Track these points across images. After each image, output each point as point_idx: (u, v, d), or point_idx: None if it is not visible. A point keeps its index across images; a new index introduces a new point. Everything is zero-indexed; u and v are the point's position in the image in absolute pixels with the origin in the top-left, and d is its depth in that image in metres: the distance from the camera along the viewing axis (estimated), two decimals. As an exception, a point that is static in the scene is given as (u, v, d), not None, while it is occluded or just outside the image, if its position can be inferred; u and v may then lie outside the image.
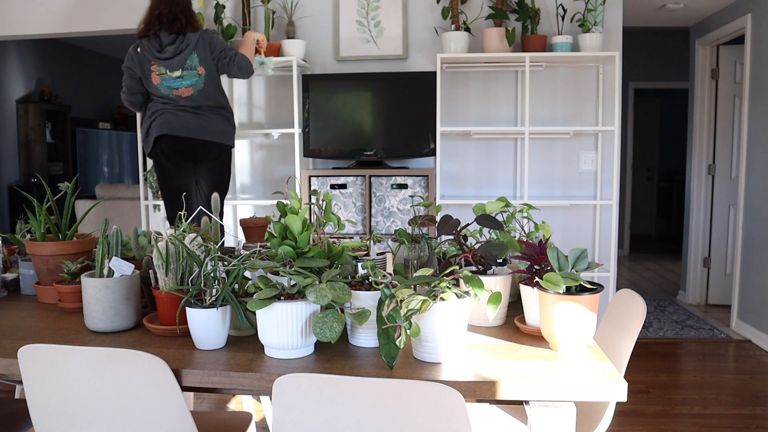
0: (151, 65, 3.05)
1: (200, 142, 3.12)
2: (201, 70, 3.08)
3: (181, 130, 3.07)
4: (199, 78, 3.08)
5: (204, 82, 3.09)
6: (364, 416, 1.08)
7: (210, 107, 3.14)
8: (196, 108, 3.11)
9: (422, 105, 3.71)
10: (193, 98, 3.09)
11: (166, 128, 3.07)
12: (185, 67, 3.04)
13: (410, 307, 1.22)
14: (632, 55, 7.18)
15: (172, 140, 3.09)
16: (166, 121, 3.08)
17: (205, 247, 1.50)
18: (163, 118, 3.09)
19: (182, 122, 3.07)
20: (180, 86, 3.05)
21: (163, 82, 3.04)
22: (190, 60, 3.05)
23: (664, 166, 8.89)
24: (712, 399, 3.19)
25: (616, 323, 1.72)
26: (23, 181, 6.71)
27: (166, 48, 3.03)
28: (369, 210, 3.70)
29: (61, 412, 1.26)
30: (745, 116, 4.39)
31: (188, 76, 3.05)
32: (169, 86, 3.05)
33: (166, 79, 3.03)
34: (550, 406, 1.18)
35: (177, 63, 3.03)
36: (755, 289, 4.24)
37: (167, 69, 3.03)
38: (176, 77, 3.03)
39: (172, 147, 3.11)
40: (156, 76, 3.04)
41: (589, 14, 3.66)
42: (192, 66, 3.06)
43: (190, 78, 3.06)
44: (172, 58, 3.03)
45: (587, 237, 3.98)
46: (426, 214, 2.42)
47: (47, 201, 1.84)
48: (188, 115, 3.08)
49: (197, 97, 3.09)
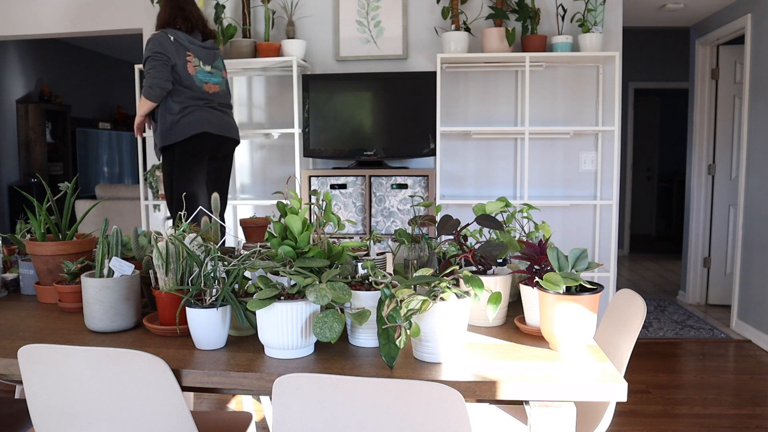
0: (187, 54, 3.04)
1: (230, 140, 3.20)
2: (225, 74, 3.23)
3: (219, 129, 3.10)
4: (223, 80, 3.20)
5: (225, 85, 3.22)
6: (364, 416, 1.08)
7: (230, 107, 3.26)
8: (223, 105, 3.18)
9: (422, 105, 3.71)
10: (219, 95, 3.15)
11: (206, 126, 3.03)
12: (214, 65, 3.14)
13: (410, 307, 1.22)
14: (632, 55, 7.19)
15: (210, 138, 3.07)
16: (203, 119, 3.03)
17: (205, 247, 1.50)
18: (199, 115, 3.04)
19: (220, 121, 3.11)
20: (210, 81, 3.09)
21: (197, 74, 3.06)
22: (218, 62, 3.18)
23: (664, 166, 8.89)
24: (712, 399, 3.19)
25: (616, 323, 1.72)
26: (23, 181, 6.71)
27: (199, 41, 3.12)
28: (369, 210, 3.70)
29: (61, 412, 1.26)
30: (745, 116, 4.39)
31: (216, 74, 3.14)
32: (201, 79, 3.07)
33: (200, 71, 3.05)
34: (550, 406, 1.18)
35: (208, 57, 3.12)
36: (755, 289, 4.24)
37: (201, 61, 3.07)
38: (207, 72, 3.07)
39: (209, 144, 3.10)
40: (192, 67, 3.04)
41: (589, 14, 3.66)
42: (219, 67, 3.18)
43: (217, 77, 3.15)
44: (210, 50, 3.12)
45: (587, 237, 3.98)
46: (426, 214, 2.42)
47: (47, 201, 1.84)
48: (221, 114, 3.14)
49: (222, 95, 3.17)
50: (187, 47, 3.04)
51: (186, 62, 3.02)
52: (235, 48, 3.77)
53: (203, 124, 3.03)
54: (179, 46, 3.00)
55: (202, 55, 3.09)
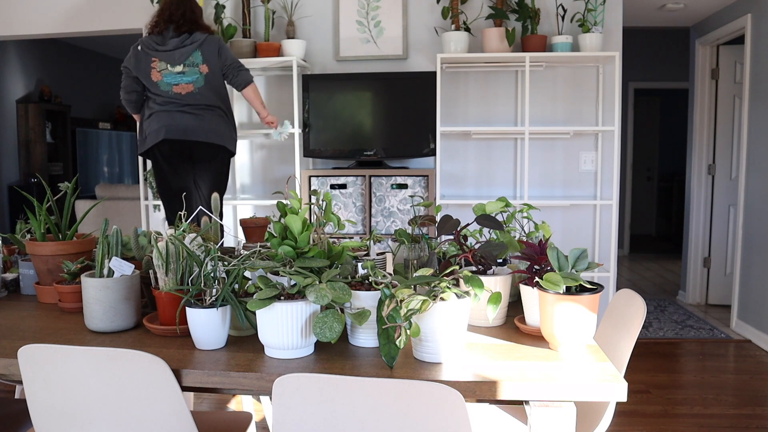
0: (151, 62, 3.03)
1: (198, 143, 3.10)
2: (204, 69, 3.06)
3: (179, 133, 3.04)
4: (200, 76, 3.06)
5: (205, 81, 3.07)
6: (364, 416, 1.08)
7: (207, 106, 3.11)
8: (194, 107, 3.08)
9: (422, 105, 3.71)
10: (192, 95, 3.06)
11: (164, 133, 3.05)
12: (187, 63, 3.02)
13: (410, 307, 1.22)
14: (632, 55, 7.18)
15: (169, 144, 3.07)
16: (163, 125, 3.05)
17: (205, 247, 1.50)
18: (160, 120, 3.06)
19: (180, 124, 3.04)
20: (180, 82, 3.02)
21: (164, 78, 3.02)
22: (194, 57, 3.03)
23: (664, 166, 8.89)
24: (712, 399, 3.19)
25: (616, 323, 1.72)
26: (23, 181, 6.71)
27: (170, 41, 3.02)
28: (369, 210, 3.70)
29: (61, 412, 1.26)
30: (745, 116, 4.39)
31: (190, 72, 3.03)
32: (169, 83, 3.02)
33: (167, 74, 3.00)
34: (550, 406, 1.18)
35: (179, 57, 3.01)
36: (755, 289, 4.24)
37: (168, 63, 3.01)
38: (177, 72, 3.00)
39: (169, 150, 3.09)
40: (156, 73, 3.02)
41: (589, 14, 3.66)
42: (194, 63, 3.04)
43: (191, 75, 3.04)
44: (174, 51, 3.01)
45: (587, 237, 3.98)
46: (426, 214, 2.42)
47: (47, 201, 1.84)
48: (186, 117, 3.05)
49: (196, 95, 3.06)
50: (151, 54, 3.03)
51: (150, 69, 3.03)
52: (235, 48, 3.77)
53: (161, 132, 3.04)
54: (143, 55, 3.04)
55: (170, 55, 3.01)
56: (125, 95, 3.14)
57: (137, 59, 3.05)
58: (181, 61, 3.01)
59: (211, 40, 3.08)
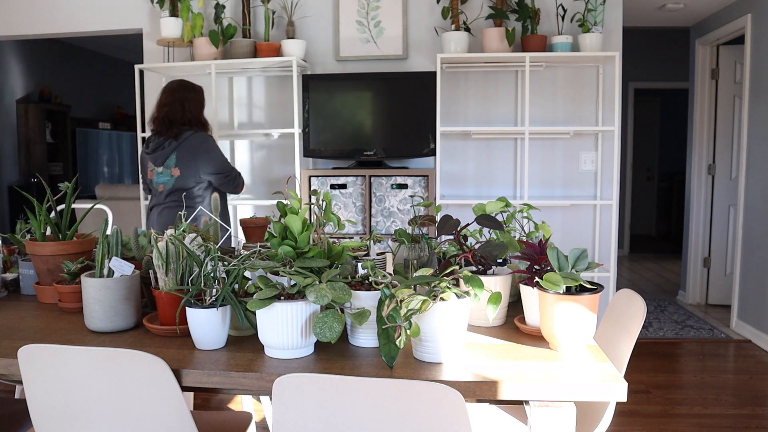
0: (147, 162, 3.11)
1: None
2: (175, 172, 3.04)
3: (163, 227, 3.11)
4: (171, 179, 3.05)
5: (174, 184, 3.05)
6: (364, 416, 1.08)
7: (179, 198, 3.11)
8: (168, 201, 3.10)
9: (422, 105, 3.71)
10: (164, 194, 3.07)
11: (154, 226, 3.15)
12: (165, 165, 3.04)
13: (410, 307, 1.22)
14: (632, 55, 7.18)
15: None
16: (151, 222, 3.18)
17: (205, 247, 1.50)
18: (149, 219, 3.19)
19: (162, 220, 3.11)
20: (160, 182, 3.07)
21: (155, 178, 3.08)
22: (169, 160, 3.03)
23: (664, 166, 8.89)
24: (712, 399, 3.19)
25: (616, 323, 1.72)
26: (23, 181, 6.70)
27: (151, 143, 3.08)
28: (369, 210, 3.70)
29: (61, 412, 1.26)
30: (745, 116, 4.39)
31: (164, 173, 3.05)
32: (157, 182, 3.08)
33: (156, 174, 3.07)
34: (550, 406, 1.18)
35: (158, 159, 3.04)
36: (755, 289, 4.23)
37: (153, 164, 3.06)
38: (159, 173, 3.05)
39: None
40: (150, 172, 3.10)
41: (589, 14, 3.66)
42: (168, 165, 3.04)
43: (165, 175, 3.05)
44: (153, 153, 3.05)
45: (587, 237, 3.98)
46: (426, 214, 2.42)
47: (47, 201, 1.84)
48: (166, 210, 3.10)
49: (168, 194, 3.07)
50: (145, 157, 3.11)
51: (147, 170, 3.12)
52: (235, 48, 3.77)
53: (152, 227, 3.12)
54: (144, 157, 3.14)
55: (152, 157, 3.06)
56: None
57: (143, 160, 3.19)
58: (161, 164, 3.05)
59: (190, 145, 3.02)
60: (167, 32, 3.80)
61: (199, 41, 3.79)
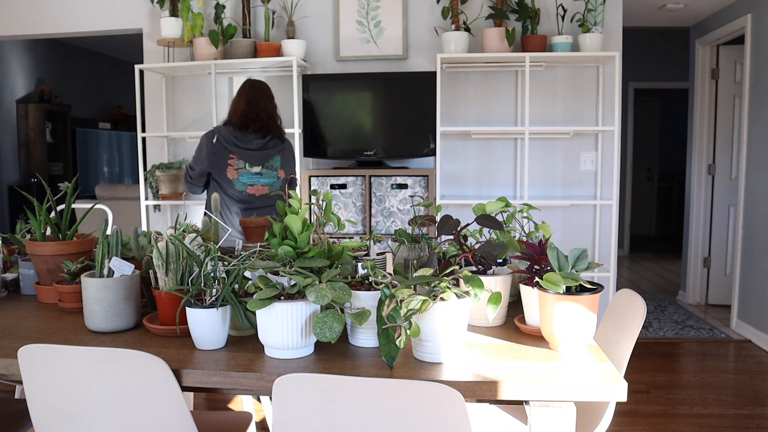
0: (229, 158, 2.81)
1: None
2: (281, 174, 2.90)
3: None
4: (277, 180, 2.91)
5: (280, 186, 2.91)
6: (364, 416, 1.08)
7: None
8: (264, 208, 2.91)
9: (422, 105, 3.71)
10: (266, 198, 2.88)
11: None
12: (266, 166, 2.85)
13: (410, 307, 1.22)
14: (632, 55, 7.17)
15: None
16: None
17: (205, 247, 1.50)
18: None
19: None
20: (257, 183, 2.85)
21: (240, 177, 2.82)
22: (273, 161, 2.87)
23: (664, 166, 8.89)
24: (712, 399, 3.19)
25: (616, 323, 1.72)
26: (23, 181, 6.70)
27: (254, 141, 2.83)
28: (369, 210, 3.70)
29: (61, 412, 1.26)
30: (745, 116, 4.39)
31: (267, 174, 2.86)
32: (245, 182, 2.83)
33: (244, 174, 2.81)
34: (550, 406, 1.18)
35: (260, 158, 2.83)
36: (755, 289, 4.24)
37: (247, 162, 2.81)
38: (255, 173, 2.82)
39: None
40: (233, 171, 2.82)
41: (589, 14, 3.66)
42: (273, 167, 2.87)
43: (269, 177, 2.87)
44: (257, 151, 2.82)
45: (587, 237, 3.98)
46: (426, 214, 2.42)
47: (47, 201, 1.84)
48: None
49: (271, 198, 2.89)
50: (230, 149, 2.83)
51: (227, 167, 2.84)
52: (235, 48, 3.77)
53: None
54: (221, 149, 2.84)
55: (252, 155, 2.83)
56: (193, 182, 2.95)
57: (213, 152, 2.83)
58: (261, 163, 2.84)
59: (288, 148, 2.95)
60: (167, 32, 3.80)
61: (199, 41, 3.79)
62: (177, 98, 4.15)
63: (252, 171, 2.82)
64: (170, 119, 4.15)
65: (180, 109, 4.15)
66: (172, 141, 4.15)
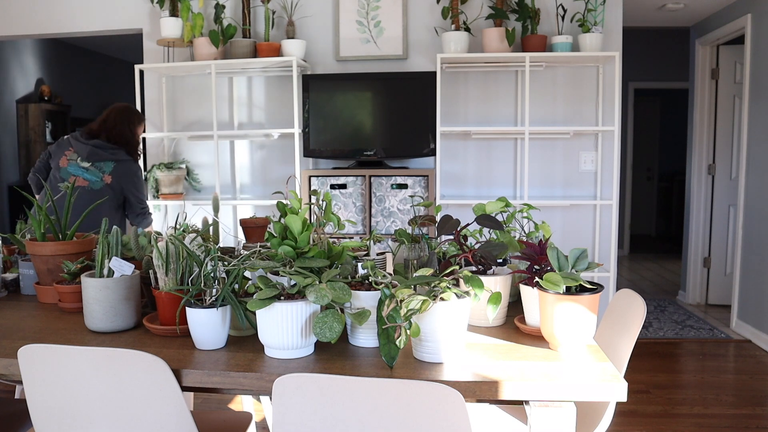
0: (67, 149, 3.01)
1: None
2: (107, 179, 2.99)
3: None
4: (100, 182, 2.98)
5: (100, 188, 2.98)
6: (364, 416, 1.08)
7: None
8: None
9: (422, 105, 3.71)
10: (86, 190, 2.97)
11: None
12: (95, 165, 2.98)
13: (410, 307, 1.22)
14: (632, 55, 7.18)
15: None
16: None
17: (205, 247, 1.50)
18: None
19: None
20: (81, 175, 2.97)
21: (69, 167, 2.98)
22: (104, 164, 2.98)
23: (664, 166, 8.89)
24: (712, 399, 3.19)
25: (616, 323, 1.72)
26: (23, 181, 6.70)
27: (94, 141, 2.99)
28: (369, 210, 3.70)
29: (61, 412, 1.26)
30: (745, 116, 4.39)
31: (92, 173, 2.98)
32: (70, 172, 2.97)
33: (73, 165, 2.98)
34: (550, 406, 1.18)
35: (89, 154, 2.97)
36: (755, 289, 4.24)
37: (80, 157, 2.98)
38: (82, 167, 2.97)
39: None
40: (65, 160, 2.99)
41: (589, 14, 3.66)
42: (101, 169, 2.98)
43: (93, 175, 2.98)
44: (90, 147, 2.97)
45: (587, 237, 3.98)
46: (426, 214, 2.42)
47: (47, 201, 1.83)
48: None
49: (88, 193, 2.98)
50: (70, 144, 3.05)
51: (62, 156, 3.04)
52: (235, 48, 3.77)
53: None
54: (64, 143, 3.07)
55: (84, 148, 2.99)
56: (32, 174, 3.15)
57: (58, 144, 3.07)
58: (91, 160, 2.98)
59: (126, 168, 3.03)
60: (167, 32, 3.80)
61: (199, 41, 3.79)
62: (177, 98, 4.15)
63: (81, 164, 2.99)
64: (170, 119, 4.16)
65: (180, 109, 4.15)
66: (172, 141, 4.15)
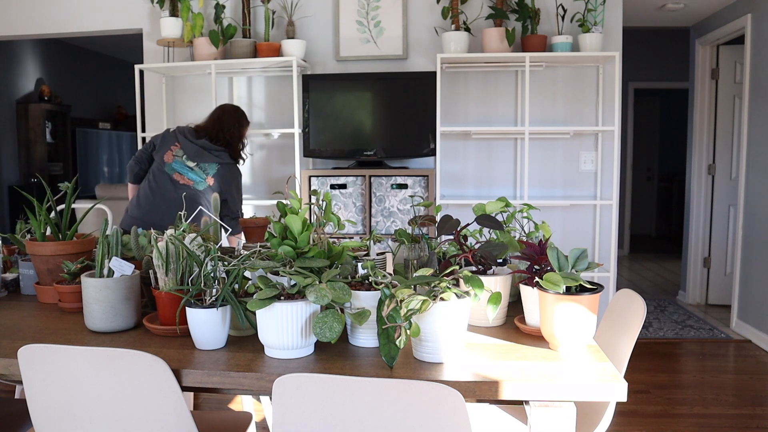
0: (173, 144, 2.98)
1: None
2: (210, 180, 2.98)
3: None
4: (203, 182, 2.98)
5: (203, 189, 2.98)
6: (364, 416, 1.08)
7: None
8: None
9: (422, 105, 3.71)
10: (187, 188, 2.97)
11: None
12: (200, 165, 2.96)
13: (410, 307, 1.22)
14: (632, 55, 7.18)
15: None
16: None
17: (205, 247, 1.50)
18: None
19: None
20: (185, 174, 2.95)
21: (173, 163, 2.96)
22: (209, 166, 2.97)
23: (664, 166, 8.89)
24: (712, 399, 3.19)
25: (616, 323, 1.72)
26: (23, 181, 6.70)
27: (201, 141, 2.96)
28: (369, 210, 3.70)
29: (61, 412, 1.26)
30: (745, 116, 4.39)
31: (197, 173, 2.96)
32: (174, 168, 2.95)
33: (178, 161, 2.95)
34: (550, 406, 1.18)
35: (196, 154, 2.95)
36: (755, 289, 4.24)
37: (185, 154, 2.95)
38: (187, 166, 2.95)
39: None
40: (171, 155, 2.97)
41: (589, 14, 3.66)
42: (205, 170, 2.97)
43: (197, 175, 2.96)
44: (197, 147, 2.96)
45: (587, 237, 3.98)
46: (426, 214, 2.42)
47: (47, 201, 1.84)
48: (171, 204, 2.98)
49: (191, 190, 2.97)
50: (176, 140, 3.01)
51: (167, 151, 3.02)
52: (235, 48, 3.77)
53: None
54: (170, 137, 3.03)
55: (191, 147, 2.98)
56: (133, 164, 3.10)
57: (163, 137, 3.03)
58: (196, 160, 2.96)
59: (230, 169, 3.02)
60: (167, 32, 3.80)
61: (199, 41, 3.79)
62: (177, 98, 4.15)
63: (186, 163, 2.97)
64: (170, 119, 4.15)
65: (180, 109, 4.15)
66: (172, 141, 4.15)
